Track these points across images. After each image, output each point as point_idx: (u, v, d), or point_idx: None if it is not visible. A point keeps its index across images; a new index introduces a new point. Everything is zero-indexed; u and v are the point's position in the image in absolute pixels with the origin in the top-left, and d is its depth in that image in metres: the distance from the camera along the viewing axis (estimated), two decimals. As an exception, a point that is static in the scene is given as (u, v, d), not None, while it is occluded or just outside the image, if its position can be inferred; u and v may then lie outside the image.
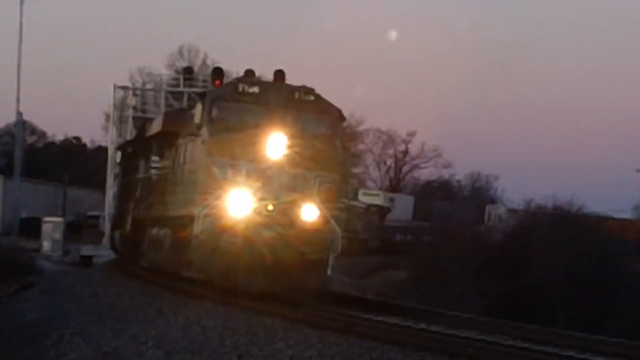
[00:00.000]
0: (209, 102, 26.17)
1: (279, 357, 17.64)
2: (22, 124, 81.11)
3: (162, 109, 50.44)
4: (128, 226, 38.02)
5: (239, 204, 24.88)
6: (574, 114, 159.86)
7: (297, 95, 26.20)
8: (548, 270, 51.08)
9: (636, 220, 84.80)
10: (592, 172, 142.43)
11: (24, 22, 75.43)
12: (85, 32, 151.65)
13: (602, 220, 69.45)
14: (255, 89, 25.92)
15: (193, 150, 27.42)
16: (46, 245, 64.02)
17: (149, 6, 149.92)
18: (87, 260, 52.74)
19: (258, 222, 24.86)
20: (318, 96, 26.51)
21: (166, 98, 55.11)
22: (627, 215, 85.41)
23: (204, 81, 54.75)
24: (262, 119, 25.70)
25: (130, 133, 52.95)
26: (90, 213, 79.58)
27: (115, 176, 52.69)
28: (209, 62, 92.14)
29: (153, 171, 34.03)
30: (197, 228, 25.07)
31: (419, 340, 17.38)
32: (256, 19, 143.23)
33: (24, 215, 76.67)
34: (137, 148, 40.54)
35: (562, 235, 54.32)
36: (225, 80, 37.24)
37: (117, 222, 44.40)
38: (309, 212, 25.47)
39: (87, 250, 56.96)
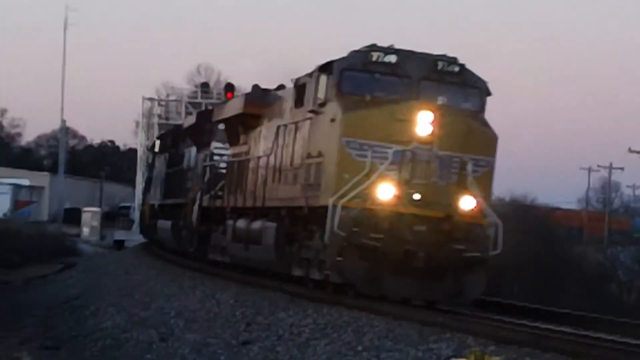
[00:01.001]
0: (338, 74, 18.90)
1: (281, 325, 17.61)
2: (65, 130, 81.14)
3: (183, 117, 50.31)
4: (194, 217, 29.50)
5: (382, 192, 18.03)
6: (528, 120, 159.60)
7: (440, 65, 19.06)
8: (507, 253, 51.23)
9: (579, 211, 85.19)
10: (544, 170, 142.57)
11: (67, 44, 75.78)
12: (119, 52, 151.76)
13: (551, 211, 69.57)
14: (392, 58, 18.80)
15: (315, 130, 19.86)
16: (85, 231, 64.23)
17: (173, 30, 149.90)
18: (119, 244, 52.87)
19: (407, 214, 18.08)
20: (463, 66, 19.32)
21: (186, 107, 55.29)
22: (572, 206, 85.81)
23: (218, 94, 54.87)
24: (401, 93, 18.87)
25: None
26: (122, 204, 79.70)
27: (149, 166, 46.57)
28: (222, 78, 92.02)
29: (218, 157, 28.18)
30: (332, 222, 17.80)
31: (397, 311, 17.25)
32: (264, 41, 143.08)
33: (67, 206, 76.82)
34: (190, 135, 33.47)
35: (518, 223, 54.46)
36: (235, 94, 36.58)
37: (164, 211, 37.07)
38: (466, 202, 18.43)
39: (119, 235, 57.11)
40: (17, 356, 19.37)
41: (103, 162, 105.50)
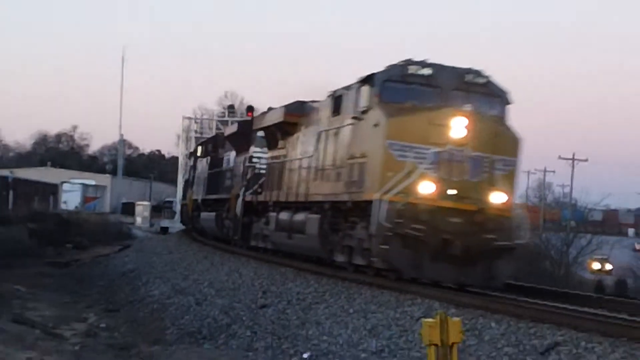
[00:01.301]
0: (379, 85, 16.89)
1: (289, 292, 17.61)
2: (123, 142, 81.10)
3: (214, 132, 49.98)
4: (238, 209, 26.68)
5: (423, 188, 16.05)
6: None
7: (468, 77, 17.15)
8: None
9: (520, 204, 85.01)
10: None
11: (124, 73, 75.84)
12: (165, 80, 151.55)
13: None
14: (426, 71, 16.92)
15: (357, 134, 17.54)
16: (138, 220, 64.08)
17: (206, 65, 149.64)
18: (164, 230, 52.72)
19: (444, 207, 16.02)
20: (488, 78, 17.37)
21: (216, 125, 55.11)
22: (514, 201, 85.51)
23: (241, 114, 54.65)
24: (435, 101, 16.79)
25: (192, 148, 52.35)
26: (166, 199, 79.62)
27: (191, 168, 43.41)
28: (244, 101, 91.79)
29: (256, 160, 25.64)
30: (378, 214, 15.76)
31: (381, 282, 17.21)
32: (277, 72, 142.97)
33: (124, 200, 76.80)
34: (231, 141, 30.71)
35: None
36: (255, 113, 35.86)
37: (207, 205, 34.46)
38: (496, 197, 16.43)
39: (164, 223, 56.97)
40: (85, 317, 19.32)
41: (152, 166, 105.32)
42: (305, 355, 13.38)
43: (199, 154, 39.95)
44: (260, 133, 25.59)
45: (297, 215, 20.72)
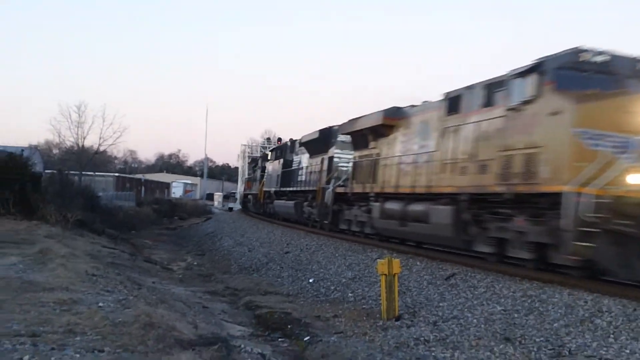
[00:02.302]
0: (553, 72, 9.34)
1: (302, 244, 17.48)
2: (207, 158, 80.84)
3: (259, 154, 49.23)
4: (327, 199, 18.12)
5: (630, 180, 8.21)
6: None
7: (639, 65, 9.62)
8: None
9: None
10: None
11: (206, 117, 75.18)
12: (231, 120, 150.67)
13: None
14: (601, 58, 9.50)
15: (515, 125, 9.80)
16: (216, 203, 63.95)
17: (255, 112, 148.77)
18: (230, 209, 52.54)
19: None
20: None
21: (260, 149, 54.88)
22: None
23: (274, 143, 54.29)
24: (612, 89, 9.18)
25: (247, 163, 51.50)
26: (232, 191, 79.49)
27: (257, 169, 34.94)
28: (276, 134, 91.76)
29: (337, 159, 18.71)
30: (575, 208, 8.22)
31: (352, 239, 17.00)
32: (294, 117, 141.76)
33: (207, 192, 76.80)
34: (306, 146, 22.12)
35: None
36: (282, 142, 34.29)
37: (280, 195, 25.90)
38: None
39: (230, 205, 56.80)
40: (185, 258, 19.34)
41: (223, 172, 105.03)
42: (310, 280, 13.27)
43: (269, 157, 32.15)
44: (342, 137, 18.53)
45: (413, 205, 12.88)
